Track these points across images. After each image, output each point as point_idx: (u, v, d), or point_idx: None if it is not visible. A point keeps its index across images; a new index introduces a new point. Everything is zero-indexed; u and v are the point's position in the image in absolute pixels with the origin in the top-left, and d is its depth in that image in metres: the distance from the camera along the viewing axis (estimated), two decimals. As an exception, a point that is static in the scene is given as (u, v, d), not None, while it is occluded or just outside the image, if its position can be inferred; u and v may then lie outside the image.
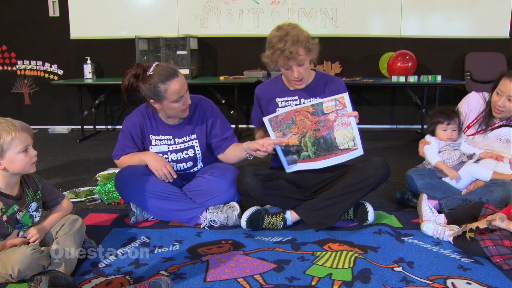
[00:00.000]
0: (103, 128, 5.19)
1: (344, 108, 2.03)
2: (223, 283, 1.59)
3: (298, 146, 2.08)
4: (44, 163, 3.47)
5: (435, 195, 2.26)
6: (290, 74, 2.10)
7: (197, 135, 2.24)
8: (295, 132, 2.07)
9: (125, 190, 2.18)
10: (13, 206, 1.64)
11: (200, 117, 2.24)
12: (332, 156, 2.07)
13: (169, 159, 2.23)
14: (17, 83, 5.09)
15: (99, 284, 1.59)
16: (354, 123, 2.03)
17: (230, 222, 2.09)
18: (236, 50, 4.99)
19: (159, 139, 2.23)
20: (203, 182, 2.19)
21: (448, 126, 2.30)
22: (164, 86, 2.01)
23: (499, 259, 1.69)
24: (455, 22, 4.88)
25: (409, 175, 2.39)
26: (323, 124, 2.04)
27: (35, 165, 1.67)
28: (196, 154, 2.26)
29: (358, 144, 2.05)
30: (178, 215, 2.14)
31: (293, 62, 2.04)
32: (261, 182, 2.06)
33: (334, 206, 2.06)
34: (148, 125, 2.23)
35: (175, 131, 2.22)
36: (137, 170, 2.17)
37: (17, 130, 1.58)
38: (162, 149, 2.23)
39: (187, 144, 2.23)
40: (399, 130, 5.11)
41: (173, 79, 2.02)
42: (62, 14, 4.90)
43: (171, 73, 2.03)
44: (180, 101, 2.07)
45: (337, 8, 4.87)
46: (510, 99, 2.18)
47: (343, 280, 1.60)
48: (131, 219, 2.16)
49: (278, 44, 2.02)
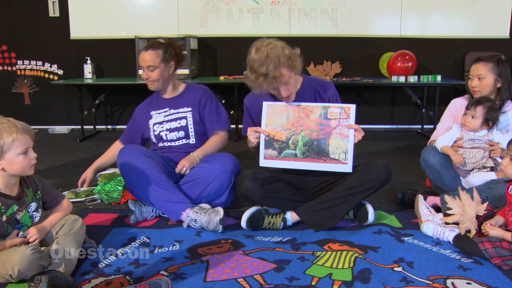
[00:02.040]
0: (103, 128, 5.19)
1: (347, 118, 2.01)
2: (223, 283, 1.59)
3: (284, 143, 2.06)
4: (44, 163, 3.47)
5: (445, 177, 2.28)
6: (278, 93, 2.06)
7: (192, 108, 2.45)
8: (287, 127, 2.06)
9: (125, 160, 2.20)
10: (12, 206, 1.64)
11: (196, 94, 2.49)
12: (319, 161, 2.04)
13: (164, 128, 2.45)
14: (17, 83, 5.09)
15: (99, 284, 1.59)
16: (352, 137, 2.00)
17: (211, 226, 2.04)
18: (236, 50, 4.97)
19: (158, 112, 2.49)
20: (198, 171, 2.26)
21: (469, 111, 2.26)
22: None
23: (499, 261, 1.70)
24: (455, 22, 4.88)
25: (427, 150, 2.37)
26: (322, 127, 2.04)
27: (33, 168, 1.66)
28: (188, 124, 2.44)
29: (349, 159, 2.01)
30: (163, 205, 2.15)
31: (278, 83, 1.99)
32: (260, 185, 2.06)
33: (334, 208, 2.06)
34: (151, 105, 2.53)
35: (172, 103, 2.48)
36: (142, 151, 2.25)
37: (18, 132, 1.57)
38: (159, 119, 2.46)
39: (181, 115, 2.45)
40: (399, 130, 5.11)
41: None
42: (62, 14, 4.90)
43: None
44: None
45: (337, 8, 4.86)
46: (479, 77, 2.34)
47: (343, 280, 1.60)
48: (131, 218, 2.16)
49: (260, 69, 1.94)
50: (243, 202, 2.25)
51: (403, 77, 4.40)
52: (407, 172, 3.14)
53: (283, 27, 4.90)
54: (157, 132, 2.47)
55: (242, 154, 3.66)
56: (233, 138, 4.36)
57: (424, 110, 4.79)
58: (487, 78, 2.32)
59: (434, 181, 2.33)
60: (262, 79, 1.96)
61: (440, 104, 4.44)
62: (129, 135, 2.61)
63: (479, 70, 2.33)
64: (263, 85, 1.99)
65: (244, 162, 3.40)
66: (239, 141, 4.36)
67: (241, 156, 3.60)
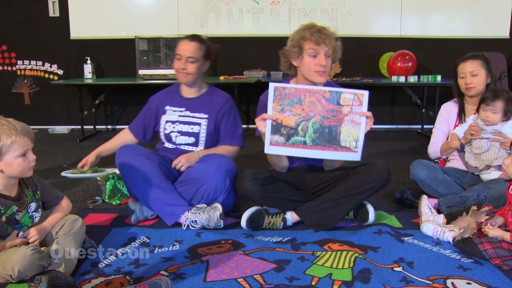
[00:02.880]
0: (103, 128, 5.19)
1: (360, 105, 1.93)
2: (223, 283, 1.59)
3: (292, 129, 1.94)
4: (44, 163, 3.47)
5: (437, 188, 2.28)
6: (316, 62, 2.03)
7: (209, 115, 2.35)
8: (296, 113, 1.93)
9: (123, 160, 2.17)
10: (12, 207, 1.64)
11: (217, 101, 2.38)
12: (330, 149, 1.95)
13: (175, 129, 2.36)
14: (17, 83, 5.09)
15: (99, 284, 1.59)
16: (363, 125, 1.93)
17: (212, 223, 2.04)
18: (236, 50, 4.99)
19: (173, 109, 2.39)
20: (192, 171, 2.22)
21: (488, 107, 2.24)
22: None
23: (499, 261, 1.70)
24: (455, 22, 4.88)
25: (414, 166, 2.39)
26: (334, 114, 1.94)
27: (32, 170, 1.66)
28: (201, 132, 2.35)
29: (359, 147, 1.95)
30: (160, 206, 2.12)
31: (324, 47, 2.01)
32: (260, 185, 2.06)
33: (334, 208, 2.06)
34: (169, 99, 2.42)
35: (190, 104, 2.37)
36: (141, 151, 2.21)
37: (17, 134, 1.56)
38: (172, 118, 2.37)
39: (196, 120, 2.35)
40: (399, 130, 5.11)
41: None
42: (62, 14, 4.90)
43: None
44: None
45: (337, 8, 4.87)
46: (473, 74, 2.37)
47: (343, 280, 1.60)
48: (132, 218, 2.15)
49: (310, 28, 2.01)
50: (243, 202, 2.24)
51: (403, 77, 4.40)
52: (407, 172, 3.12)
53: (283, 27, 4.90)
54: (167, 131, 2.38)
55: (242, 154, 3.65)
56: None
57: (424, 110, 4.79)
58: (480, 74, 2.36)
59: (428, 193, 2.34)
60: (309, 34, 2.00)
61: (440, 104, 4.40)
62: (140, 125, 2.50)
63: (471, 67, 2.37)
64: (308, 42, 2.01)
65: (245, 161, 3.40)
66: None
67: (242, 156, 3.60)
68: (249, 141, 2.72)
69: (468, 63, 2.39)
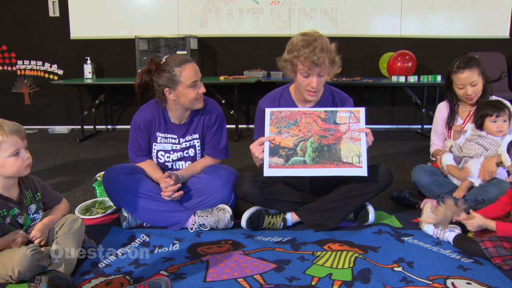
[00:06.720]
0: (103, 128, 5.19)
1: (358, 122, 1.94)
2: (223, 283, 1.59)
3: (291, 150, 1.93)
4: (44, 163, 3.46)
5: (440, 190, 2.28)
6: (307, 82, 1.98)
7: (199, 134, 2.27)
8: (293, 134, 1.94)
9: (113, 189, 2.12)
10: (13, 208, 1.64)
11: (206, 119, 2.27)
12: (332, 166, 1.91)
13: (170, 159, 2.25)
14: (17, 83, 5.09)
15: (99, 284, 1.59)
16: (364, 140, 1.91)
17: (221, 224, 2.05)
18: (236, 50, 4.99)
19: (165, 137, 2.25)
20: (197, 181, 2.17)
21: (498, 118, 2.21)
22: (179, 69, 2.09)
23: (499, 260, 1.70)
24: (455, 22, 4.88)
25: (416, 171, 2.39)
26: (331, 132, 1.94)
27: (29, 168, 1.65)
28: (196, 153, 2.28)
29: (363, 162, 1.89)
30: (164, 217, 2.09)
31: (317, 69, 1.94)
32: (260, 188, 2.05)
33: (335, 210, 2.06)
34: (157, 122, 2.24)
35: (180, 130, 2.25)
36: (124, 169, 2.15)
37: (5, 134, 1.56)
38: (166, 147, 2.25)
39: (189, 144, 2.26)
40: (399, 130, 5.11)
41: (187, 63, 2.12)
42: (62, 14, 4.91)
43: (185, 59, 2.14)
44: (195, 88, 2.11)
45: (337, 8, 4.87)
46: (473, 84, 2.35)
47: (343, 280, 1.60)
48: (123, 224, 2.11)
49: (304, 48, 1.91)
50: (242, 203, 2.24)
51: (403, 77, 4.40)
52: (406, 172, 3.13)
53: (283, 27, 4.90)
54: (161, 160, 2.26)
55: (242, 154, 3.66)
56: (233, 138, 4.36)
57: (424, 110, 4.79)
58: (479, 82, 2.35)
59: (430, 197, 2.34)
60: (303, 58, 1.91)
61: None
62: (144, 147, 2.27)
63: (471, 78, 2.34)
64: (301, 65, 1.94)
65: (244, 163, 3.40)
66: (239, 141, 4.36)
67: (241, 156, 3.60)
68: (249, 141, 2.72)
69: (465, 73, 2.34)
